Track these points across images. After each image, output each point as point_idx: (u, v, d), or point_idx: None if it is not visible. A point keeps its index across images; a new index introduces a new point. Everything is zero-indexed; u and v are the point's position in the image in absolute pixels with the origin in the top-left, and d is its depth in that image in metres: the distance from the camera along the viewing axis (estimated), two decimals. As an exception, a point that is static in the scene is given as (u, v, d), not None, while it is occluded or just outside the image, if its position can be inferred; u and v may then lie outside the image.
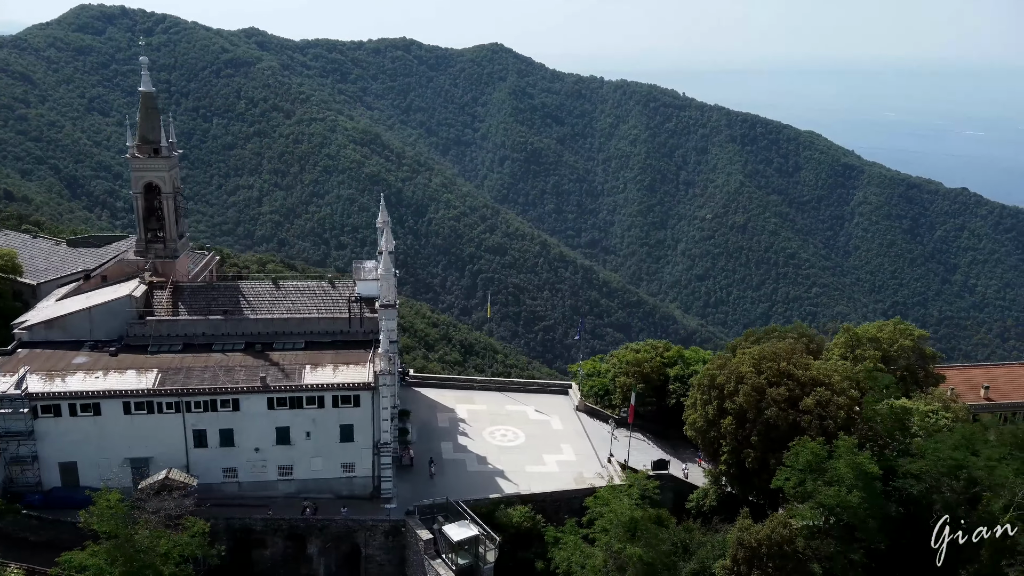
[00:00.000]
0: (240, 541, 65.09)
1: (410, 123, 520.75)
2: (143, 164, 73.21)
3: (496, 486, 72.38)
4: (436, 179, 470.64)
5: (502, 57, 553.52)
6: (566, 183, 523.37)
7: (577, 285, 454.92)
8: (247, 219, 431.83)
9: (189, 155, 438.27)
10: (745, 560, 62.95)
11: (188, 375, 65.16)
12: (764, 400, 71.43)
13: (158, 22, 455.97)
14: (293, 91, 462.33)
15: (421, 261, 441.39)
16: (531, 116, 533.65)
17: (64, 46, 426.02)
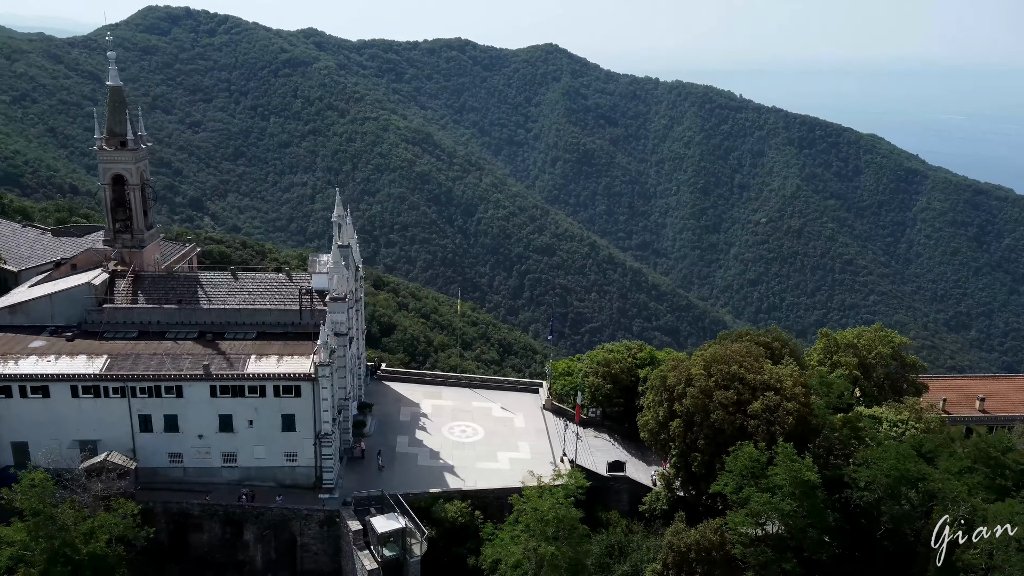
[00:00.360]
0: (178, 525, 67.19)
1: (463, 123, 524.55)
2: (110, 156, 75.99)
3: (442, 481, 72.83)
4: (486, 179, 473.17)
5: (556, 57, 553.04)
6: (618, 185, 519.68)
7: (625, 288, 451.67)
8: (300, 216, 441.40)
9: (246, 152, 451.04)
10: (674, 564, 62.24)
11: (136, 362, 67.52)
12: (711, 403, 70.16)
13: (220, 23, 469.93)
14: (348, 90, 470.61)
15: (469, 260, 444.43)
16: (584, 117, 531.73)
17: (131, 46, 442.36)
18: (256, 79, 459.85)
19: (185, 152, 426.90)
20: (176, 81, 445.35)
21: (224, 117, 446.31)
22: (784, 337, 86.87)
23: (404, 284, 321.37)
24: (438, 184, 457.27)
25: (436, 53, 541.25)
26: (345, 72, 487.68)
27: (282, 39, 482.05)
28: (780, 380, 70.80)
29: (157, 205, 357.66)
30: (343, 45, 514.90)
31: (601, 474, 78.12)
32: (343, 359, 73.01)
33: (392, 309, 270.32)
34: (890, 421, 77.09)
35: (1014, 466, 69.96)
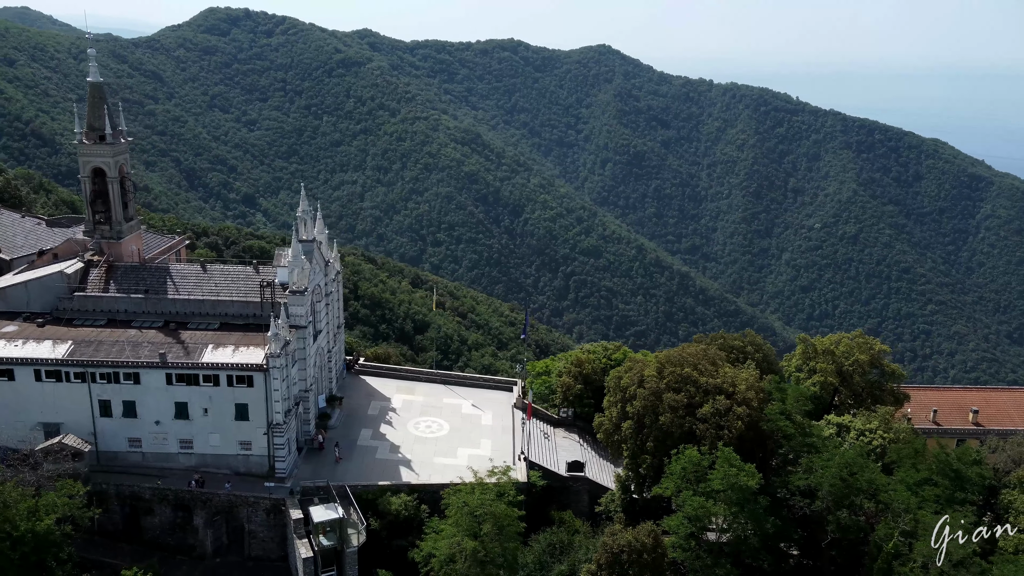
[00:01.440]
0: (132, 507, 69.62)
1: (513, 123, 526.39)
2: (89, 150, 79.18)
3: (396, 474, 73.66)
4: (534, 180, 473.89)
5: (609, 59, 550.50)
6: (668, 187, 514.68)
7: (672, 291, 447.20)
8: (349, 213, 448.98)
9: (299, 151, 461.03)
10: (607, 565, 61.95)
11: (97, 348, 70.27)
12: (661, 405, 69.49)
13: (278, 24, 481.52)
14: (400, 90, 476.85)
15: (515, 261, 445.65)
16: (636, 119, 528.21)
17: (192, 46, 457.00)
18: (311, 79, 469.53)
19: (240, 150, 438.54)
20: (234, 81, 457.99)
21: (279, 116, 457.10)
22: (759, 342, 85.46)
23: (442, 282, 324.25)
24: (486, 184, 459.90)
25: (488, 54, 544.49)
26: (398, 72, 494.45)
27: (337, 40, 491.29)
28: (734, 384, 69.73)
29: (212, 201, 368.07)
30: (397, 46, 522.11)
31: (561, 474, 78.02)
32: (303, 351, 74.62)
33: (428, 307, 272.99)
34: (858, 430, 75.14)
35: (977, 480, 67.66)
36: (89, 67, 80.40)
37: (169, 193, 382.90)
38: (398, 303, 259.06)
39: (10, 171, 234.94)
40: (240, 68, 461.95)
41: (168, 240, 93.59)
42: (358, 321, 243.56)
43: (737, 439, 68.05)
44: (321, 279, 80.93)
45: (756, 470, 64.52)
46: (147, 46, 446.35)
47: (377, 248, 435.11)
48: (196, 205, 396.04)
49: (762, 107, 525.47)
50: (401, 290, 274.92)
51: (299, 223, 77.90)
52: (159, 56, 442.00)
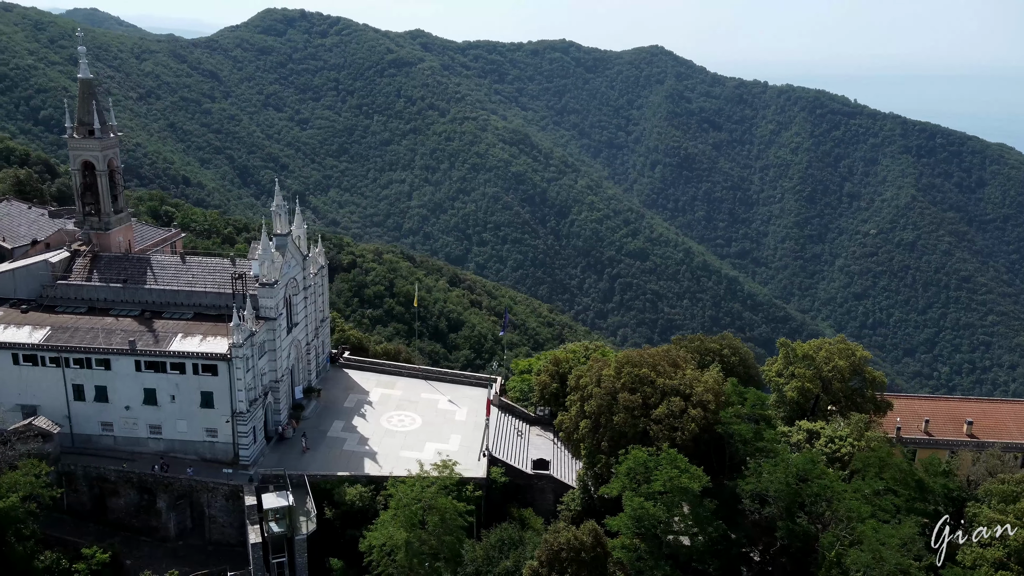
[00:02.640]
0: (99, 489, 72.10)
1: (563, 124, 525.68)
2: (79, 144, 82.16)
3: (359, 466, 74.63)
4: (581, 181, 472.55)
5: (661, 60, 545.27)
6: (719, 190, 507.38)
7: (719, 296, 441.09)
8: (396, 212, 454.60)
9: (349, 149, 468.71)
10: (547, 562, 62.02)
11: (73, 335, 73.03)
12: (616, 405, 69.05)
13: (332, 24, 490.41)
14: (450, 90, 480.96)
15: (560, 262, 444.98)
16: (687, 120, 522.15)
17: (249, 47, 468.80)
18: (363, 79, 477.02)
19: (292, 148, 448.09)
20: (288, 80, 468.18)
21: (330, 115, 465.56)
22: (736, 345, 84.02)
23: (480, 282, 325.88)
24: (533, 185, 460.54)
25: (539, 54, 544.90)
26: (448, 73, 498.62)
27: (389, 40, 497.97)
28: (691, 386, 68.86)
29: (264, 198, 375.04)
30: (448, 46, 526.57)
31: (526, 472, 78.05)
32: (272, 343, 76.29)
33: (463, 306, 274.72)
34: (827, 436, 73.41)
35: (940, 490, 65.70)
36: (80, 64, 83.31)
37: (222, 190, 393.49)
38: (432, 301, 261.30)
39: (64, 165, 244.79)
40: (295, 68, 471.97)
41: (162, 232, 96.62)
42: (392, 318, 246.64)
43: (692, 441, 67.30)
44: (298, 273, 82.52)
45: (704, 473, 63.76)
46: (206, 46, 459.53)
47: (423, 247, 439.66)
48: (247, 202, 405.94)
49: (818, 109, 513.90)
50: (437, 288, 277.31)
51: (273, 217, 79.51)
52: (217, 56, 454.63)
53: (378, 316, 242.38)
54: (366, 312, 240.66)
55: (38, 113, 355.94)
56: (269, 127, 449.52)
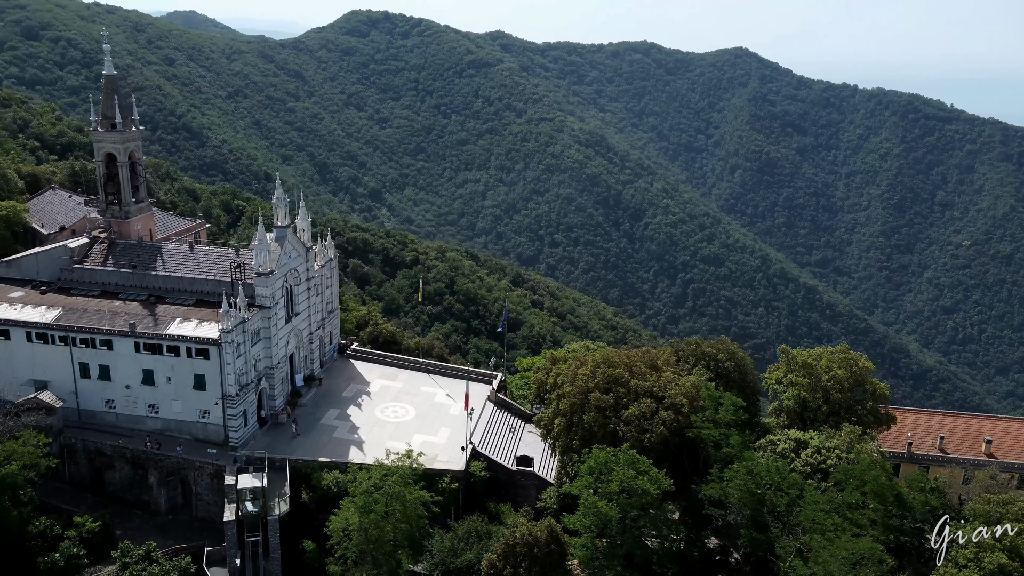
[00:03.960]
0: (97, 462, 75.95)
1: (641, 127, 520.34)
2: (102, 137, 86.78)
3: (343, 453, 76.16)
4: (657, 184, 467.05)
5: (745, 62, 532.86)
6: (801, 196, 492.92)
7: (796, 305, 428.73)
8: (470, 211, 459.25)
9: (426, 148, 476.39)
10: (503, 556, 62.37)
11: (81, 316, 77.18)
12: (588, 404, 68.64)
13: (414, 25, 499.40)
14: (528, 91, 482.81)
15: (632, 266, 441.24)
16: (770, 124, 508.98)
17: (334, 47, 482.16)
18: (442, 79, 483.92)
19: (371, 147, 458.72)
20: (370, 80, 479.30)
21: (409, 115, 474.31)
22: (733, 350, 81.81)
23: (544, 283, 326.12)
24: (607, 187, 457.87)
25: (620, 56, 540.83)
26: (527, 74, 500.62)
27: (470, 41, 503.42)
28: (664, 388, 67.81)
29: (341, 195, 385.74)
30: (528, 47, 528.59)
31: (509, 468, 78.28)
32: (267, 331, 78.87)
33: (523, 306, 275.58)
34: (815, 447, 71.00)
35: (920, 507, 62.81)
36: (105, 61, 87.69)
37: (301, 186, 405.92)
38: (492, 300, 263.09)
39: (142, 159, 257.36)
40: (376, 68, 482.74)
41: (186, 222, 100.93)
42: (452, 315, 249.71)
43: (662, 444, 66.34)
44: (300, 264, 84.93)
45: (674, 477, 62.64)
46: (293, 47, 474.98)
47: (496, 247, 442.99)
48: (325, 198, 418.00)
49: (911, 114, 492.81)
50: (499, 288, 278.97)
51: (274, 209, 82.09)
52: (303, 56, 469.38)
53: (437, 313, 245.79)
54: (425, 309, 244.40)
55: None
56: (349, 126, 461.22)
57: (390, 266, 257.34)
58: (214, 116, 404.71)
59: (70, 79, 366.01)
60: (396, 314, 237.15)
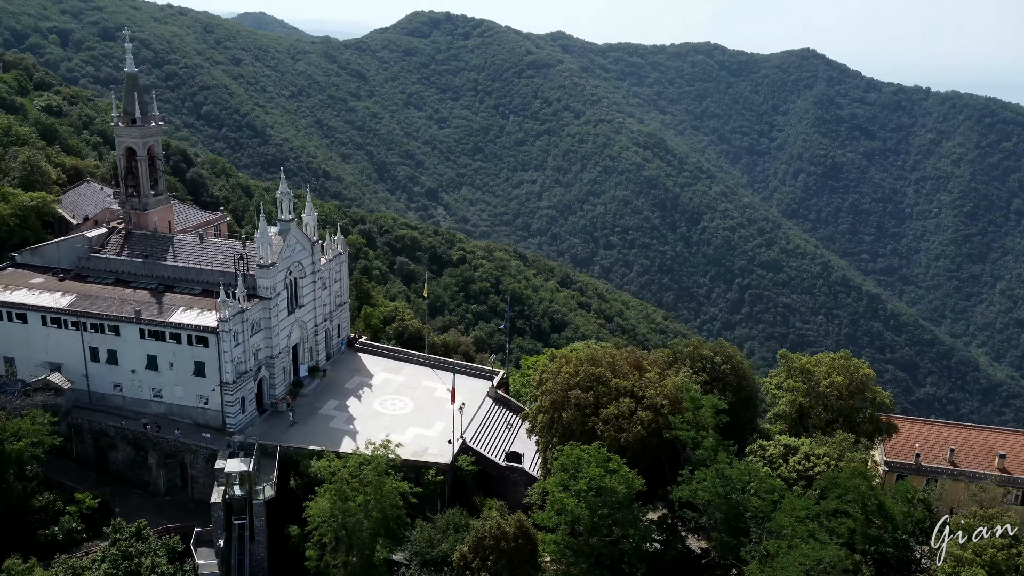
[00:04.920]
0: (102, 442, 78.95)
1: (702, 129, 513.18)
2: (123, 131, 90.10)
3: (336, 442, 77.29)
4: (716, 187, 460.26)
5: (812, 64, 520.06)
6: (867, 202, 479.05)
7: (858, 314, 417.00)
8: (526, 212, 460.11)
9: (484, 149, 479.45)
10: (472, 548, 62.93)
11: (92, 302, 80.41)
12: (568, 401, 68.47)
13: (475, 26, 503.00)
14: (587, 93, 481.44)
15: (688, 270, 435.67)
16: (836, 128, 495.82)
17: (395, 48, 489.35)
18: (501, 80, 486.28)
19: (429, 146, 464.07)
20: (430, 80, 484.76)
21: (468, 115, 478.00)
22: (730, 353, 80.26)
23: (593, 284, 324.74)
24: (665, 190, 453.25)
25: (682, 57, 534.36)
26: (587, 75, 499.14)
27: (530, 42, 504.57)
28: (644, 389, 67.19)
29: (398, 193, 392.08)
30: (588, 48, 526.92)
31: (499, 463, 78.51)
32: (268, 321, 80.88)
33: (569, 307, 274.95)
34: (803, 453, 69.39)
35: (902, 519, 60.95)
36: (127, 59, 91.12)
37: (359, 184, 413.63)
38: (538, 301, 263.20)
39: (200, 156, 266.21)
40: (436, 68, 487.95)
41: (207, 215, 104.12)
42: (496, 314, 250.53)
43: (640, 444, 65.76)
44: (305, 258, 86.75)
45: (652, 477, 62.12)
46: (356, 47, 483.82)
47: (550, 247, 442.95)
48: (382, 196, 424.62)
49: (987, 118, 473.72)
50: (545, 288, 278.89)
51: (278, 204, 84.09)
52: (365, 57, 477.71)
53: (481, 312, 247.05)
54: (470, 307, 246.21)
55: (200, 108, 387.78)
56: (408, 125, 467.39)
57: (437, 264, 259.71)
58: (277, 115, 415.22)
59: (141, 78, 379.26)
60: (441, 312, 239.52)
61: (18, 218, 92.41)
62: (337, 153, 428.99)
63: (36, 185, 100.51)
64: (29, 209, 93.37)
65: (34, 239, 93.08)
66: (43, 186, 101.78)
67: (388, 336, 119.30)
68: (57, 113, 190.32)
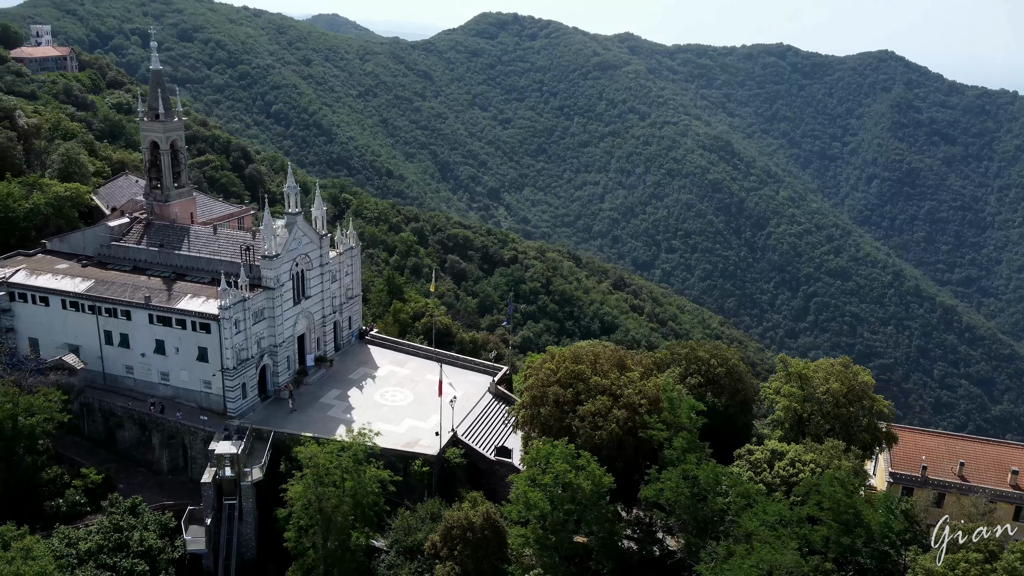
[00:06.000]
0: (111, 421, 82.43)
1: (772, 132, 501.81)
2: (147, 126, 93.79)
3: (331, 429, 78.49)
4: (784, 192, 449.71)
5: (890, 66, 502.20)
6: (945, 210, 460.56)
7: (931, 326, 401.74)
8: (587, 214, 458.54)
9: (547, 150, 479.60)
10: (442, 537, 63.88)
11: (108, 288, 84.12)
12: (547, 398, 68.53)
13: (542, 28, 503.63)
14: (653, 94, 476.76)
15: (751, 276, 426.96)
16: (914, 132, 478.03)
17: (463, 49, 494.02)
18: (566, 81, 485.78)
19: (492, 146, 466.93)
20: (495, 81, 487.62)
21: (532, 116, 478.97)
22: (726, 356, 78.84)
23: (648, 287, 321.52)
24: (730, 194, 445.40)
25: (753, 59, 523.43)
26: (654, 76, 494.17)
27: (597, 43, 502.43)
28: (621, 387, 66.75)
29: (460, 193, 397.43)
30: (656, 50, 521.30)
31: (489, 457, 78.98)
32: (271, 310, 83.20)
33: (621, 310, 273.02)
34: (789, 459, 67.72)
35: (878, 529, 59.08)
36: (152, 57, 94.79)
37: (421, 183, 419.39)
38: (588, 302, 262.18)
39: (261, 153, 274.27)
40: (503, 69, 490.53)
41: (230, 208, 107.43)
42: (545, 315, 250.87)
43: (617, 442, 65.42)
44: (312, 250, 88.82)
45: (620, 475, 61.76)
46: (423, 48, 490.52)
47: (611, 250, 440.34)
48: (444, 196, 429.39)
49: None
50: (597, 290, 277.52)
51: (285, 197, 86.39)
52: (432, 57, 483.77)
53: (531, 311, 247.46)
54: (519, 306, 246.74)
55: (270, 107, 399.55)
56: (473, 125, 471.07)
57: (488, 263, 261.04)
58: (344, 114, 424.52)
59: (216, 78, 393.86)
60: (490, 311, 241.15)
61: (52, 207, 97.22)
62: (401, 152, 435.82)
63: (73, 177, 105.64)
64: (63, 199, 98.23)
65: (67, 228, 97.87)
66: (80, 178, 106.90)
67: (416, 331, 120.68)
68: (127, 110, 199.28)
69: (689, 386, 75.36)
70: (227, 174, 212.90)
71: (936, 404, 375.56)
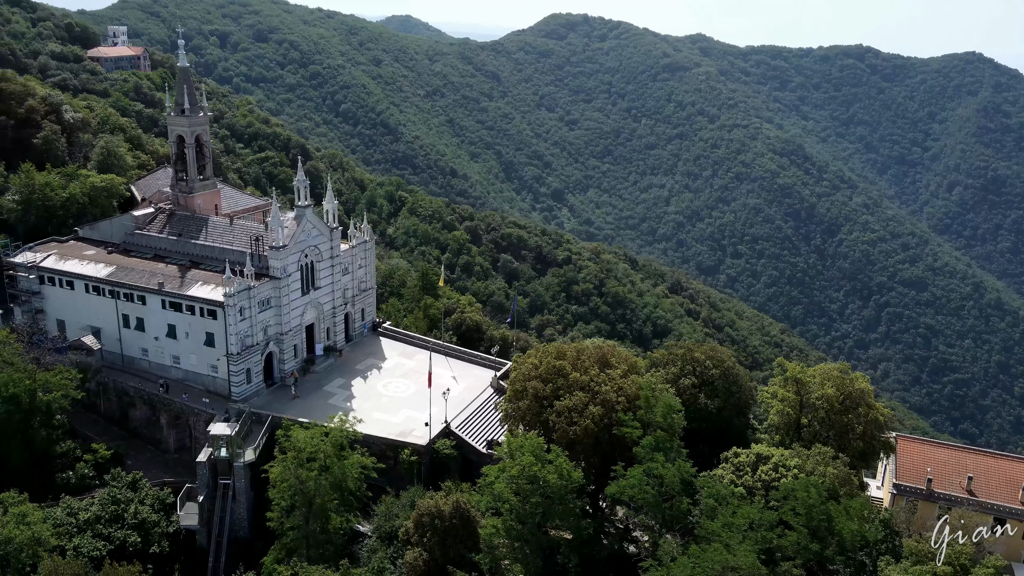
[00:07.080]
0: (124, 400, 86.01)
1: (847, 137, 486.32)
2: (173, 121, 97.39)
3: (326, 416, 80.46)
4: (858, 198, 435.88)
5: (976, 68, 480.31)
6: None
7: (1013, 340, 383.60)
8: (652, 217, 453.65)
9: (613, 151, 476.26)
10: (414, 524, 64.75)
11: (127, 274, 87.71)
12: (525, 392, 68.55)
13: (612, 28, 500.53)
14: (723, 96, 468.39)
15: (820, 284, 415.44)
16: (1002, 137, 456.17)
17: (531, 49, 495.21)
18: (635, 82, 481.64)
19: (558, 147, 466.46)
20: (563, 82, 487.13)
21: (599, 117, 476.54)
22: (722, 357, 77.22)
23: (705, 292, 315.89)
24: (800, 199, 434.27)
25: (830, 60, 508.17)
26: (725, 78, 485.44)
27: (667, 44, 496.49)
28: (599, 385, 66.28)
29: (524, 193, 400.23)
30: (729, 51, 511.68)
31: (479, 449, 79.42)
32: (278, 299, 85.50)
33: (675, 314, 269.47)
34: (773, 463, 66.05)
35: (849, 537, 57.21)
36: (179, 54, 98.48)
37: (484, 183, 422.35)
38: (641, 305, 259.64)
39: (321, 150, 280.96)
40: (571, 70, 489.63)
41: (254, 201, 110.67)
42: (596, 316, 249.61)
43: (593, 439, 65.05)
44: (322, 243, 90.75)
45: (595, 471, 61.51)
46: (492, 49, 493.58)
47: (675, 254, 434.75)
48: (508, 196, 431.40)
49: None
50: (652, 293, 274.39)
51: (295, 191, 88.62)
52: (500, 58, 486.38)
53: (582, 313, 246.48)
54: (570, 307, 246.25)
55: (339, 106, 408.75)
56: (539, 126, 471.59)
57: (542, 263, 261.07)
58: (411, 113, 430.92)
59: (288, 77, 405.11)
60: (541, 311, 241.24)
61: (88, 197, 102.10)
62: (466, 152, 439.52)
63: (112, 169, 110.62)
64: (99, 189, 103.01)
65: (102, 216, 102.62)
66: (119, 170, 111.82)
67: (446, 327, 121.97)
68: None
69: (683, 387, 74.24)
70: (285, 170, 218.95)
71: (1016, 422, 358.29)
